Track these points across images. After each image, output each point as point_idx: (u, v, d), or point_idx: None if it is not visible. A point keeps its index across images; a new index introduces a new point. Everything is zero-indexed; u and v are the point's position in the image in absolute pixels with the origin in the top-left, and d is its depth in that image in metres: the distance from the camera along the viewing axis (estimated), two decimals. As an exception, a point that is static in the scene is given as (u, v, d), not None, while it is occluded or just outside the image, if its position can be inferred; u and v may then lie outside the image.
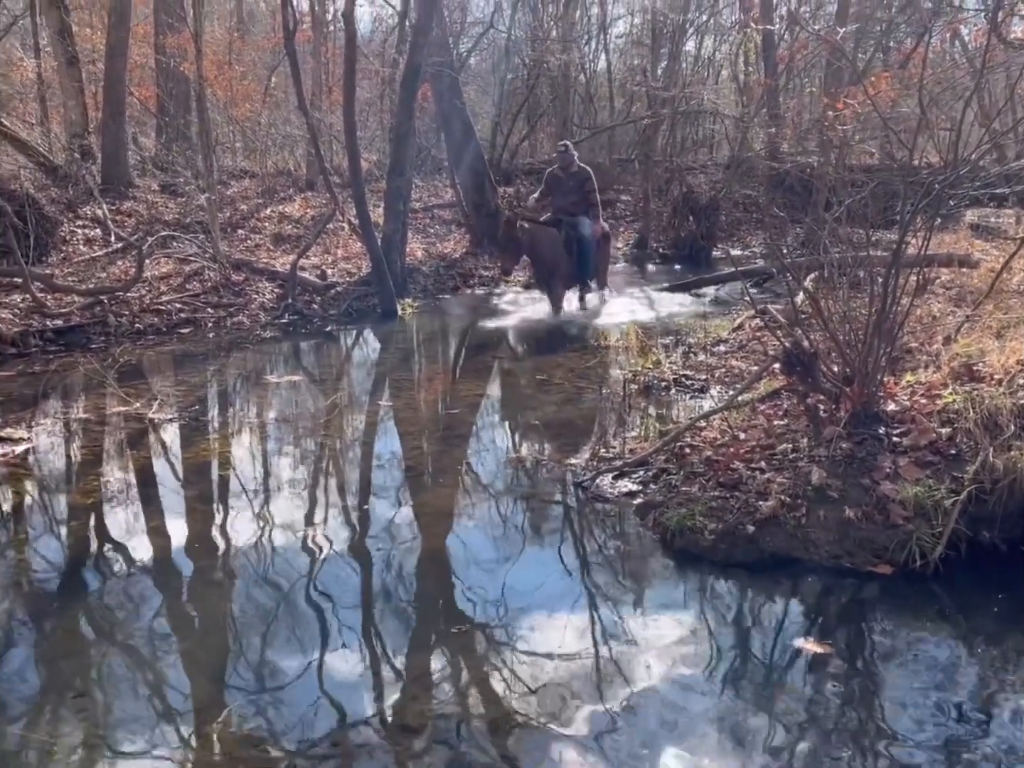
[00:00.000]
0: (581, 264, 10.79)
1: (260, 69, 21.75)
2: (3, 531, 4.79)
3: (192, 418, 6.67)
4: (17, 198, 11.08)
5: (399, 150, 12.17)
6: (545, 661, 3.42)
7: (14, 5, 15.96)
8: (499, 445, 6.29)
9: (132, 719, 3.07)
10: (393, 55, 20.40)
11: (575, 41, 21.56)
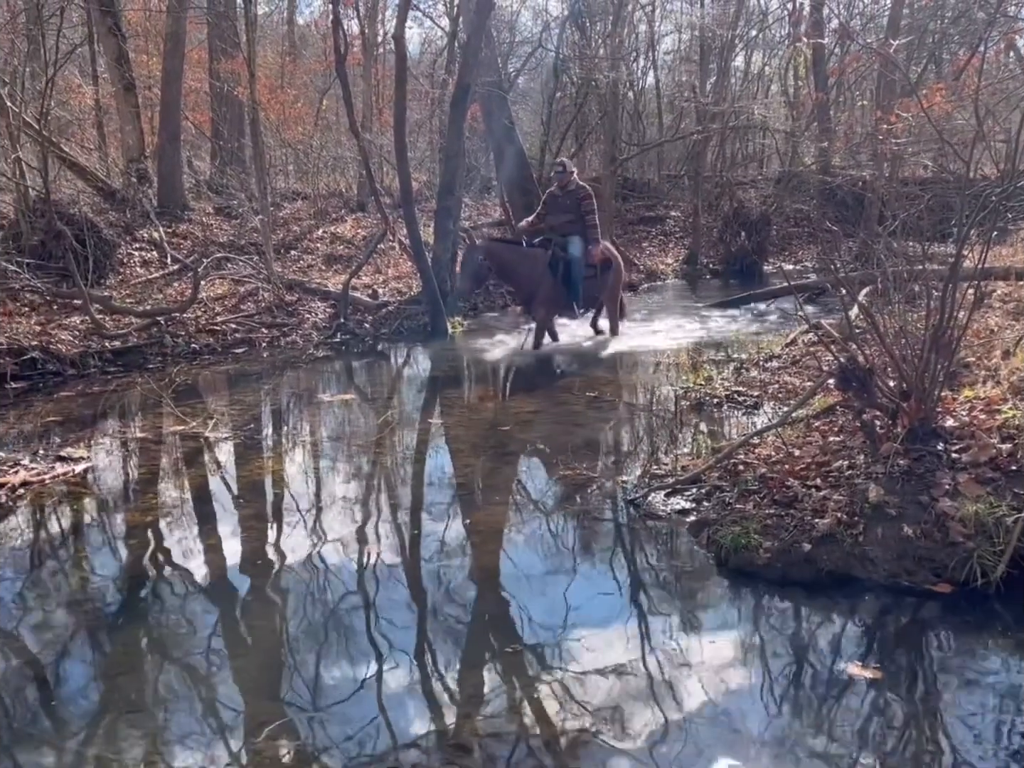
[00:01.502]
0: (569, 288, 9.84)
1: (311, 92, 22.05)
2: (63, 549, 4.87)
3: (247, 437, 6.74)
4: (76, 222, 11.32)
5: (449, 170, 12.25)
6: (597, 680, 3.39)
7: (73, 34, 16.33)
8: (549, 462, 6.27)
9: (188, 735, 3.10)
10: (442, 76, 20.58)
11: (623, 58, 21.55)
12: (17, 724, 3.21)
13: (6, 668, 3.58)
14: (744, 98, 22.07)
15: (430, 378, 8.53)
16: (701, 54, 22.32)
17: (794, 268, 16.60)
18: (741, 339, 9.61)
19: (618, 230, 18.53)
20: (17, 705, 3.32)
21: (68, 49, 15.02)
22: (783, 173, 20.11)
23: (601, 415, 7.28)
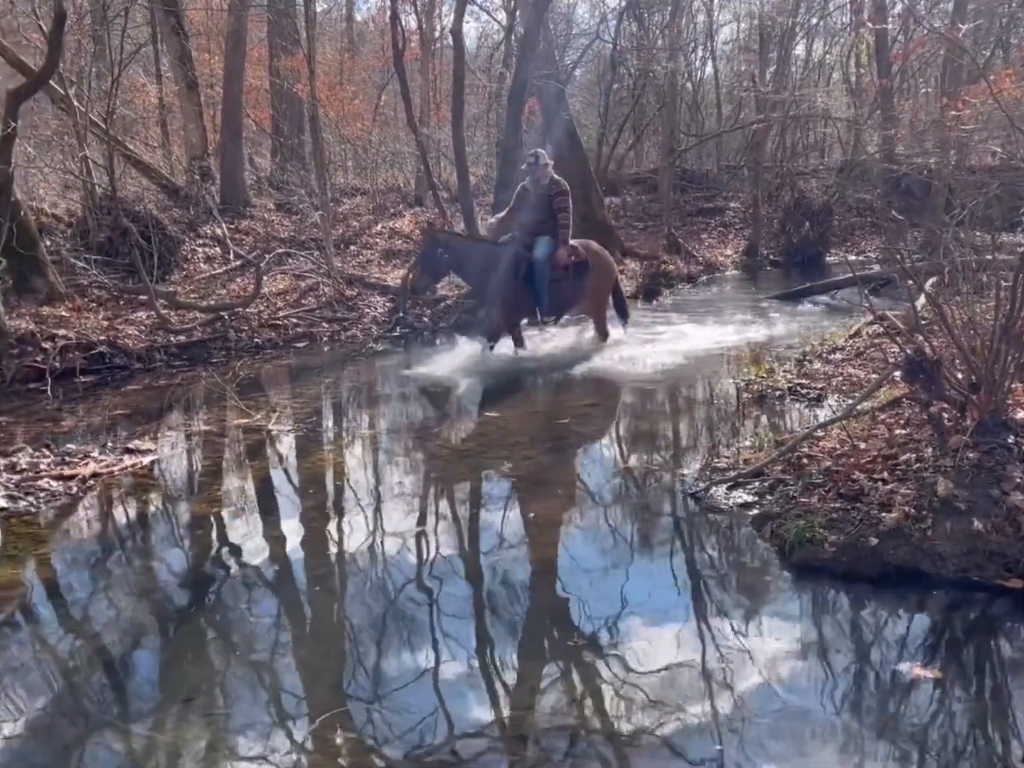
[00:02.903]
0: (534, 293, 9.03)
1: (370, 88, 22.22)
2: (131, 539, 4.97)
3: (308, 429, 6.82)
4: (142, 219, 11.53)
5: (507, 164, 12.27)
6: (657, 675, 3.37)
7: (137, 34, 16.62)
8: (609, 455, 6.26)
9: (250, 723, 3.14)
10: (499, 70, 20.60)
11: (681, 49, 21.39)
12: (89, 710, 3.27)
13: (77, 656, 3.66)
14: (805, 87, 21.79)
15: (487, 370, 8.53)
16: (760, 43, 22.09)
17: (857, 259, 16.31)
18: (803, 331, 9.48)
19: (677, 221, 18.39)
20: (88, 692, 3.39)
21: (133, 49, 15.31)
22: (845, 162, 19.84)
23: (660, 408, 7.24)
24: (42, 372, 8.20)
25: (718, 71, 25.82)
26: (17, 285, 9.70)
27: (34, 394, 7.96)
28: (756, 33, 23.25)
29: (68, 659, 3.62)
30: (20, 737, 3.07)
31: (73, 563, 4.57)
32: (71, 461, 5.72)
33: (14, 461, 5.63)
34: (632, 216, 19.98)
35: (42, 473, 5.45)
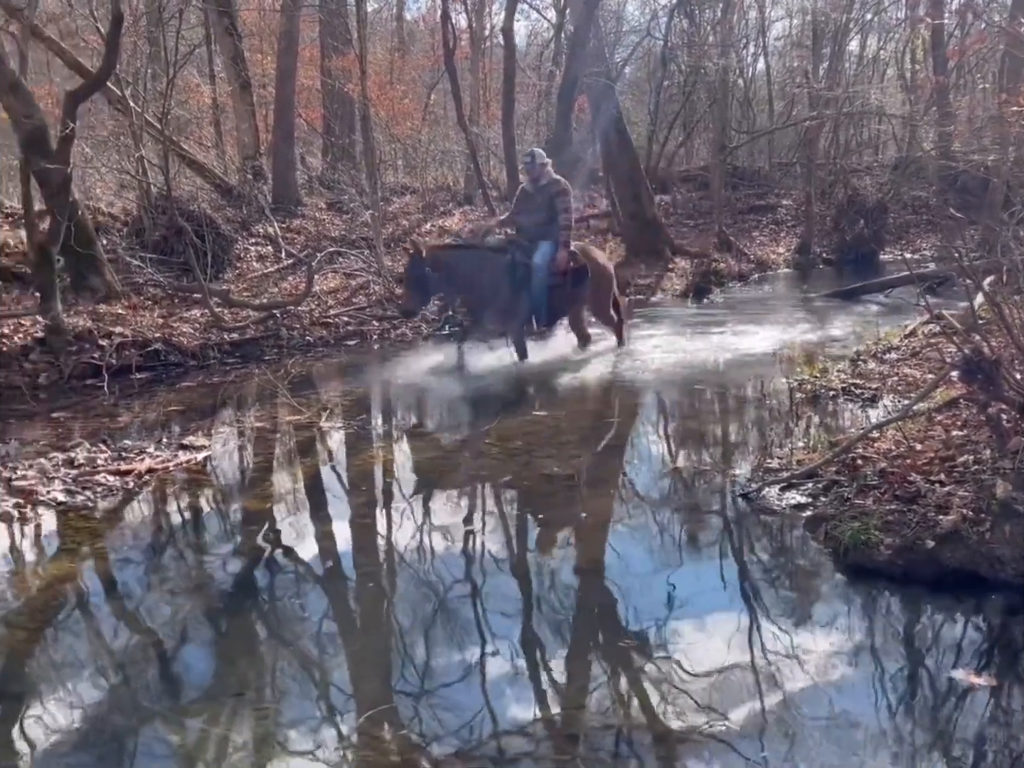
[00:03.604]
0: (532, 299, 8.59)
1: (420, 87, 22.30)
2: (184, 534, 5.03)
3: (359, 427, 6.85)
4: (196, 218, 11.67)
5: (557, 161, 12.23)
6: (707, 676, 3.34)
7: (191, 35, 16.85)
8: (659, 454, 6.23)
9: (299, 717, 3.16)
10: (549, 68, 20.58)
11: (733, 45, 21.21)
12: (142, 702, 3.31)
13: (130, 648, 3.71)
14: (859, 83, 21.48)
15: (536, 369, 8.52)
16: (814, 39, 21.81)
17: (912, 257, 16.06)
18: (857, 330, 9.35)
19: (728, 219, 18.24)
20: (141, 684, 3.44)
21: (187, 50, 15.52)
22: (900, 159, 19.54)
23: (711, 408, 7.18)
24: (99, 369, 8.35)
25: (770, 67, 25.56)
26: (75, 283, 9.89)
27: (91, 390, 8.10)
28: (809, 29, 22.95)
29: (122, 651, 3.67)
30: (75, 728, 3.12)
31: (128, 557, 4.64)
32: (127, 457, 5.81)
33: (72, 456, 5.73)
34: (682, 214, 19.85)
35: (99, 468, 5.54)
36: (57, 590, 4.21)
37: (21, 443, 6.25)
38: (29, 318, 8.97)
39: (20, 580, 4.33)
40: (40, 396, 7.88)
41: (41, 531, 4.84)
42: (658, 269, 14.79)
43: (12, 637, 3.76)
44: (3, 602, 4.08)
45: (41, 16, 12.39)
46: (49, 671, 3.51)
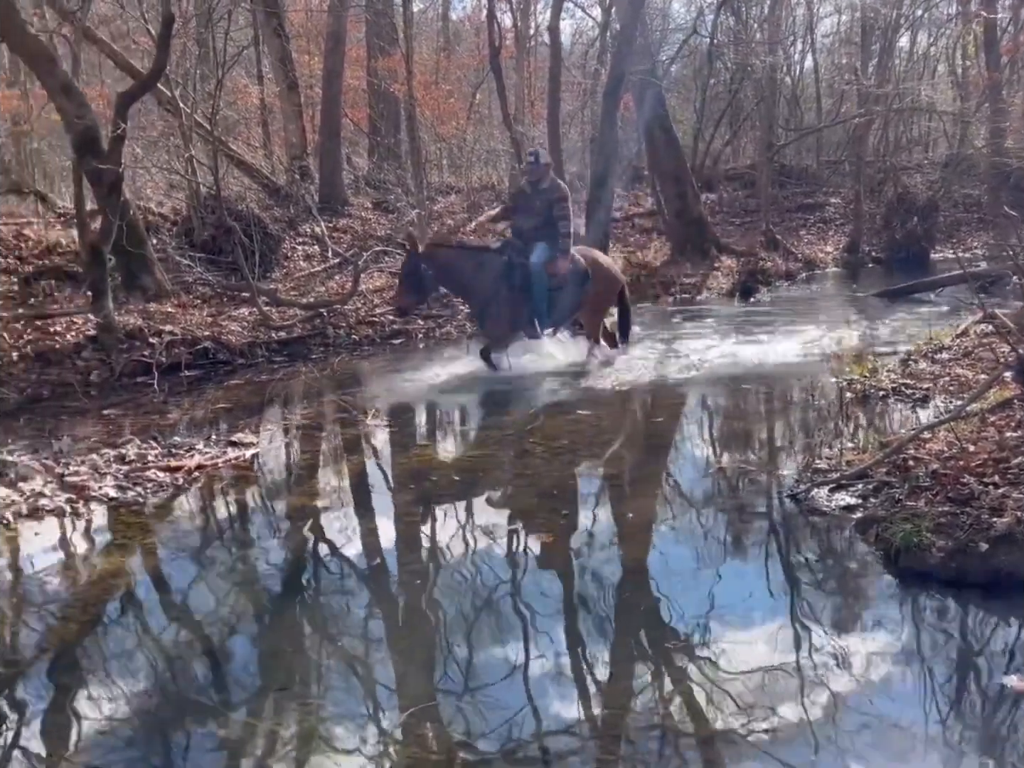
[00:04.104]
0: (532, 303, 8.32)
1: (465, 87, 22.33)
2: (232, 530, 5.09)
3: (404, 425, 6.89)
4: (244, 218, 11.79)
5: (602, 160, 12.22)
6: (753, 678, 3.30)
7: (239, 36, 17.03)
8: (704, 454, 6.18)
9: (343, 713, 3.17)
10: (594, 66, 20.53)
11: (780, 42, 21.02)
12: (189, 695, 3.36)
13: (178, 642, 3.75)
14: (909, 79, 21.19)
15: (581, 368, 8.49)
16: (863, 35, 21.58)
17: (963, 256, 15.80)
18: (908, 330, 9.22)
19: (775, 218, 18.07)
20: (188, 677, 3.48)
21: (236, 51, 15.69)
22: (951, 156, 19.24)
23: (758, 408, 7.12)
24: (149, 366, 8.45)
25: (818, 64, 25.31)
26: (126, 282, 10.02)
27: (141, 387, 8.21)
28: (858, 25, 22.71)
29: (170, 645, 3.71)
30: (123, 719, 3.16)
31: (177, 552, 4.69)
32: (177, 453, 5.88)
33: (123, 452, 5.82)
34: (728, 212, 19.72)
35: (149, 464, 5.62)
36: (108, 584, 4.27)
37: (73, 439, 6.34)
38: (81, 316, 9.11)
39: (73, 574, 4.40)
40: (92, 393, 8.00)
41: (93, 526, 4.92)
42: (704, 268, 14.71)
43: (65, 629, 3.82)
44: (56, 595, 4.15)
45: (93, 18, 12.57)
46: (99, 663, 3.56)
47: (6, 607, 4.08)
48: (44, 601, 4.10)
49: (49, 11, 11.76)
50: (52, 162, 15.29)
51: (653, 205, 17.49)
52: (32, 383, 7.99)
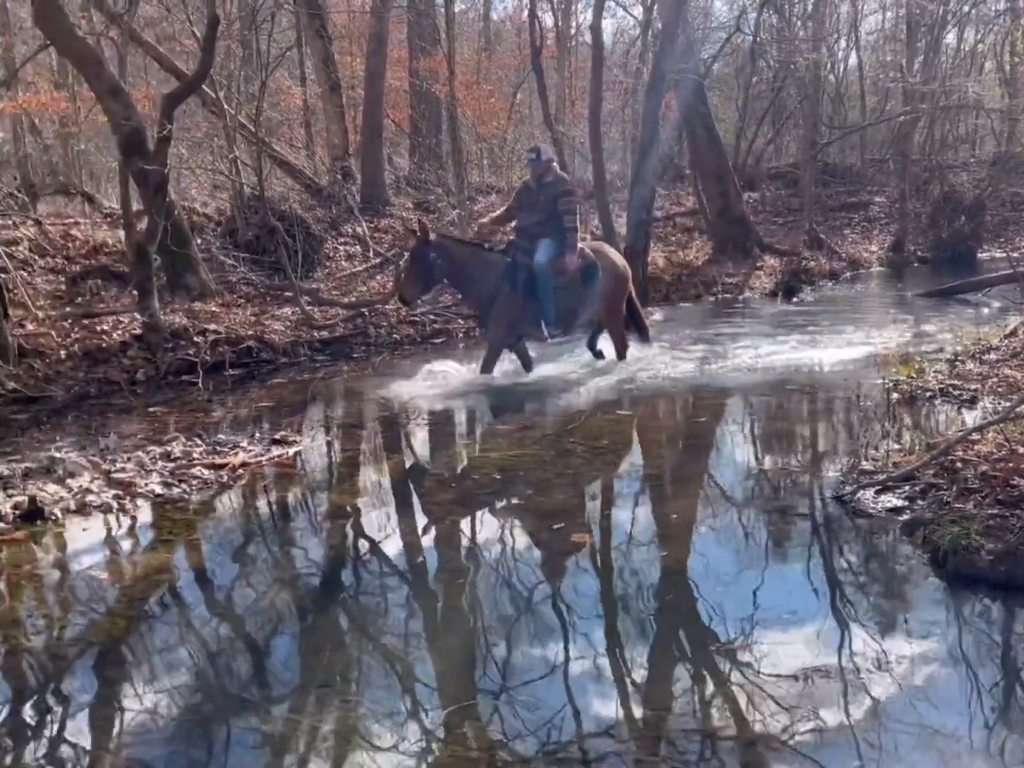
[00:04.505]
0: (537, 303, 7.99)
1: (505, 87, 22.34)
2: (274, 528, 5.11)
3: (445, 424, 6.90)
4: (287, 218, 11.89)
5: (643, 159, 12.16)
6: (796, 682, 3.25)
7: (282, 38, 17.16)
8: (748, 455, 6.12)
9: (383, 711, 3.16)
10: (636, 65, 20.45)
11: (824, 40, 20.82)
12: (231, 690, 3.39)
13: (221, 638, 3.79)
14: (955, 76, 20.90)
15: (623, 368, 8.44)
16: (908, 32, 21.28)
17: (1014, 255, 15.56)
18: (955, 330, 9.08)
19: (818, 217, 17.91)
20: (231, 673, 3.51)
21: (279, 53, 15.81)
22: (999, 154, 18.98)
23: (803, 408, 7.04)
24: (194, 365, 8.56)
25: (862, 62, 25.02)
26: (171, 282, 10.15)
27: (186, 386, 8.31)
28: (903, 22, 22.43)
29: (213, 641, 3.75)
30: (166, 713, 3.19)
31: (221, 549, 4.74)
32: (221, 451, 5.93)
33: (168, 450, 5.88)
34: (771, 211, 19.58)
35: (195, 462, 5.67)
36: (153, 580, 4.31)
37: (120, 437, 6.41)
38: (128, 315, 9.24)
39: (119, 569, 4.46)
40: (137, 391, 8.12)
41: (139, 522, 4.97)
42: (746, 267, 14.62)
43: (112, 624, 3.87)
44: (103, 590, 4.20)
45: (139, 21, 12.73)
46: (144, 658, 3.59)
47: (55, 602, 4.14)
48: (91, 596, 4.16)
49: (96, 14, 11.92)
50: (99, 163, 15.50)
51: (694, 204, 17.40)
52: (79, 381, 8.11)
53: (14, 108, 12.81)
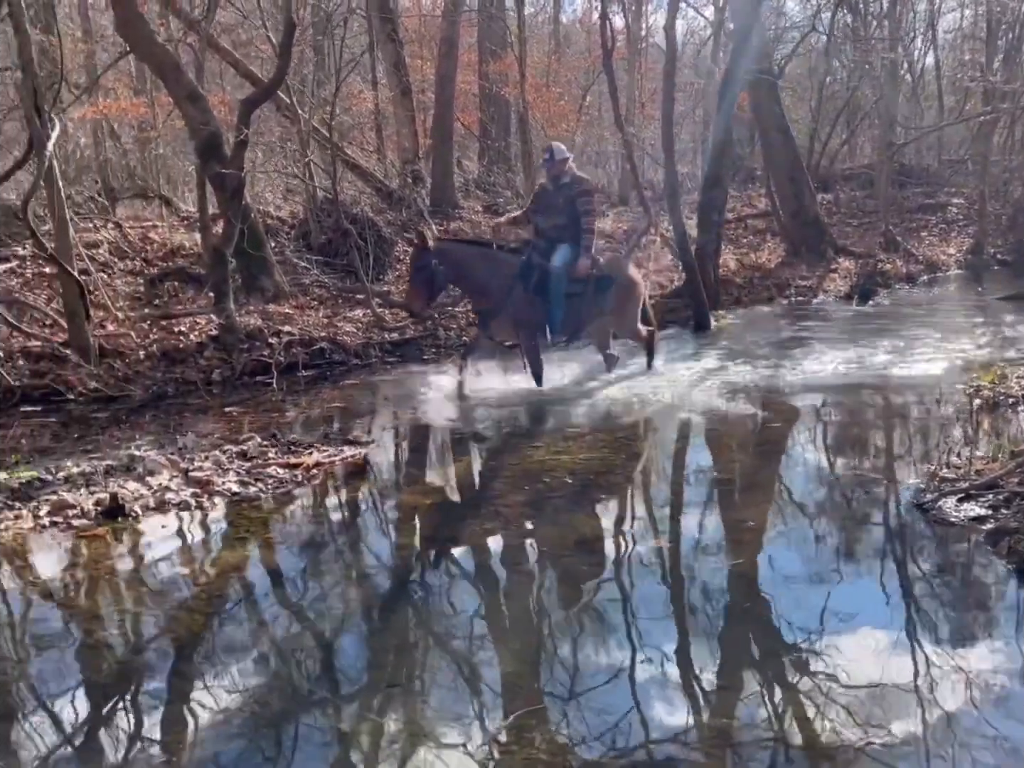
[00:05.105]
0: (548, 308, 7.76)
1: (575, 89, 22.30)
2: (346, 527, 5.16)
3: (516, 426, 6.89)
4: (359, 221, 12.00)
5: (716, 160, 12.04)
6: (868, 691, 3.19)
7: (353, 43, 17.34)
8: (825, 461, 6.03)
9: (449, 712, 3.17)
10: (708, 66, 20.28)
11: (901, 39, 20.43)
12: (301, 687, 3.43)
13: (294, 635, 3.84)
14: (1038, 74, 20.34)
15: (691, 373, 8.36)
16: (988, 31, 20.80)
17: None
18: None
19: (894, 218, 17.57)
20: (302, 670, 3.54)
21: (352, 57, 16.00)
22: (1084, 154, 18.43)
23: (882, 414, 6.91)
24: (268, 366, 8.68)
25: (940, 60, 24.49)
26: (246, 284, 10.30)
27: (260, 386, 8.44)
28: (983, 20, 21.92)
29: (285, 638, 3.79)
30: (236, 709, 3.23)
31: (295, 548, 4.80)
32: (296, 450, 6.01)
33: (244, 449, 5.97)
34: (845, 213, 19.24)
35: (270, 461, 5.75)
36: (230, 577, 4.39)
37: (197, 436, 6.53)
38: (204, 317, 9.41)
39: (197, 566, 4.53)
40: (213, 391, 8.27)
41: (216, 520, 5.05)
42: (820, 270, 14.40)
43: (190, 620, 3.93)
44: (181, 586, 4.27)
45: (216, 27, 12.94)
46: (219, 655, 3.64)
47: (134, 597, 4.22)
48: (169, 592, 4.23)
49: (174, 20, 12.16)
50: (175, 167, 15.79)
51: (766, 206, 17.19)
52: (157, 381, 8.28)
53: (95, 114, 13.13)
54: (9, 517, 4.90)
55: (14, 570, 4.50)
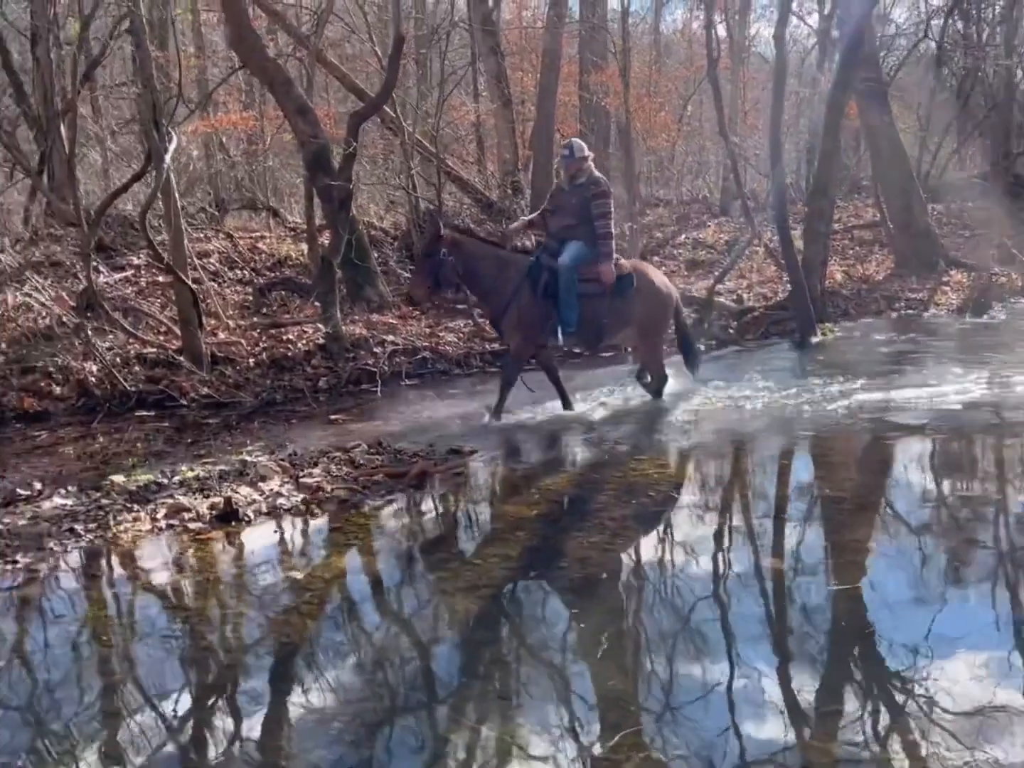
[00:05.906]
0: (559, 310, 7.29)
1: (675, 99, 22.16)
2: (449, 536, 5.18)
3: (619, 437, 6.83)
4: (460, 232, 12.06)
5: (823, 170, 11.81)
6: (974, 717, 3.06)
7: (455, 56, 17.55)
8: (928, 482, 5.82)
9: (543, 726, 3.13)
10: (813, 74, 19.94)
11: (1016, 46, 19.75)
12: (397, 689, 3.47)
13: (393, 640, 3.88)
14: None
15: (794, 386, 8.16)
16: (1110, 35, 19.99)
17: None
18: None
19: (1010, 230, 16.95)
20: (401, 674, 3.57)
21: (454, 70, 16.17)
22: None
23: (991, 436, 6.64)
24: (372, 374, 8.81)
25: (1058, 67, 23.64)
26: (352, 294, 10.48)
27: (365, 394, 8.56)
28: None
29: (387, 643, 3.84)
30: (331, 710, 3.25)
31: (400, 555, 4.84)
32: (402, 459, 6.06)
33: (352, 456, 6.04)
34: (957, 224, 18.66)
35: (377, 469, 5.81)
36: (337, 583, 4.44)
37: (306, 442, 6.63)
38: (311, 326, 9.59)
39: (308, 571, 4.58)
40: (320, 399, 8.41)
41: (324, 526, 5.12)
42: (931, 283, 14.00)
43: (302, 624, 3.97)
44: (289, 590, 4.32)
45: (324, 42, 13.22)
46: (324, 658, 3.69)
47: (245, 600, 4.31)
48: (278, 595, 4.29)
49: (283, 36, 12.46)
50: (282, 179, 16.17)
51: (874, 216, 16.79)
52: (267, 388, 8.47)
53: (206, 128, 13.54)
54: (128, 519, 5.04)
55: (132, 571, 4.63)
